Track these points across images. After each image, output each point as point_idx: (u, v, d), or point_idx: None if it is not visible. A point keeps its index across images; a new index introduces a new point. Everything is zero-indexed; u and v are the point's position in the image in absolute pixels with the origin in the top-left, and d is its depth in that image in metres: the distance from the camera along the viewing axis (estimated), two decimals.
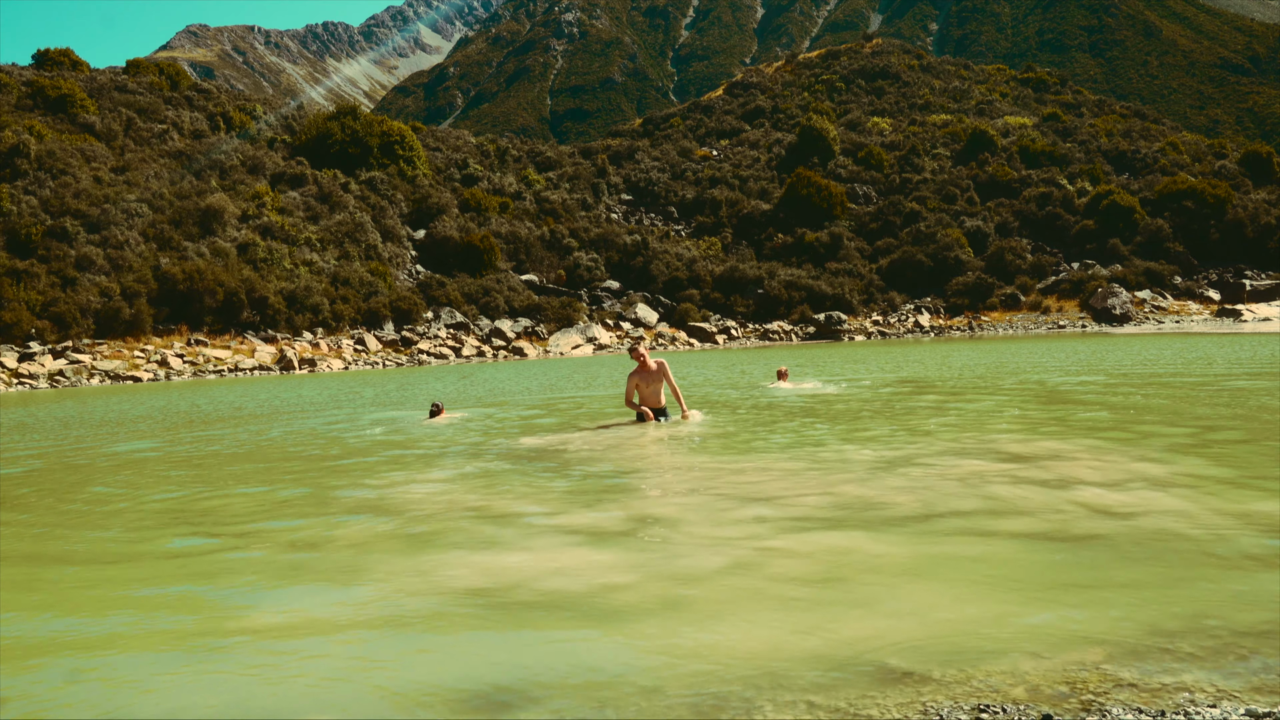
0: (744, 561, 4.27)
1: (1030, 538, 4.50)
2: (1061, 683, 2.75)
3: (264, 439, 11.13)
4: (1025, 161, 62.93)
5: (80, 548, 5.33)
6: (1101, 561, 4.03)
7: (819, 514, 5.25)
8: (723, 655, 3.08)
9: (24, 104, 48.40)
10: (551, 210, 56.47)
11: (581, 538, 4.93)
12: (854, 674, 2.87)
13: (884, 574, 3.97)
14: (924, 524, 4.87)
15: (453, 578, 4.24)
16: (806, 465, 7.00)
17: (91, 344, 33.47)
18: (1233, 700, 2.60)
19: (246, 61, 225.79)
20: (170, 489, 7.46)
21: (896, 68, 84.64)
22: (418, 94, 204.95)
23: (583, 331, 43.17)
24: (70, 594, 4.34)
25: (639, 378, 10.03)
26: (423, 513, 5.84)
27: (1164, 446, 7.28)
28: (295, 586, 4.24)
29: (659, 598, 3.76)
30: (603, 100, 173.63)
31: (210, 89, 64.73)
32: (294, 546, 5.08)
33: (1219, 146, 70.49)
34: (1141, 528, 4.59)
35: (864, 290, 50.72)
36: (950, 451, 7.32)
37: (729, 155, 68.54)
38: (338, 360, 35.86)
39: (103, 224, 38.59)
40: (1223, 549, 4.15)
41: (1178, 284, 49.46)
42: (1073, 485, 5.72)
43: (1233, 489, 5.53)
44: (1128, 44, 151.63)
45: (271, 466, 8.61)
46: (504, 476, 7.17)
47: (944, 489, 5.77)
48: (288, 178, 49.42)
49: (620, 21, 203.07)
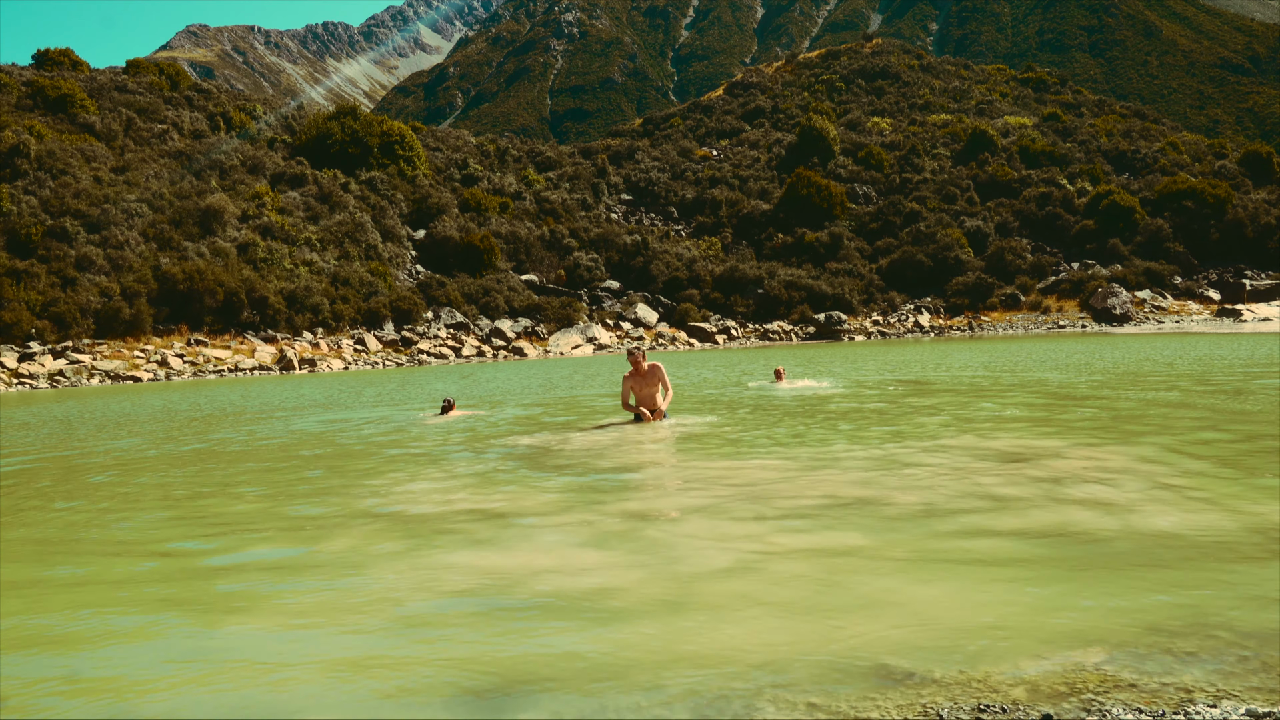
0: (744, 561, 4.27)
1: (1030, 537, 4.50)
2: (1061, 683, 2.75)
3: (264, 438, 11.13)
4: (1025, 161, 62.95)
5: (81, 547, 5.33)
6: (1101, 561, 4.03)
7: (818, 514, 5.25)
8: (723, 655, 3.08)
9: (24, 104, 48.42)
10: (551, 210, 56.48)
11: (581, 537, 4.93)
12: (854, 674, 2.87)
13: (884, 574, 3.97)
14: (924, 524, 4.87)
15: (452, 577, 4.24)
16: (805, 465, 7.00)
17: (91, 344, 33.47)
18: (1233, 700, 2.60)
19: (246, 61, 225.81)
20: (171, 488, 7.46)
21: (896, 68, 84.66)
22: (418, 94, 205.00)
23: (583, 331, 43.17)
24: (70, 594, 4.34)
25: (634, 380, 10.16)
26: (422, 512, 5.84)
27: (1164, 446, 7.28)
28: (295, 585, 4.24)
29: (659, 598, 3.76)
30: (603, 100, 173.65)
31: (210, 89, 64.73)
32: (293, 545, 5.08)
33: (1219, 146, 70.51)
34: (1141, 527, 4.59)
35: (864, 290, 50.72)
36: (950, 451, 7.32)
37: (729, 155, 68.55)
38: (338, 360, 35.87)
39: (103, 224, 38.60)
40: (1223, 549, 4.14)
41: (1178, 284, 49.47)
42: (1072, 484, 5.72)
43: (1233, 488, 5.52)
44: (1128, 44, 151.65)
45: (272, 466, 8.61)
46: (503, 476, 7.17)
47: (944, 488, 5.77)
48: (288, 178, 49.43)
49: (620, 21, 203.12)
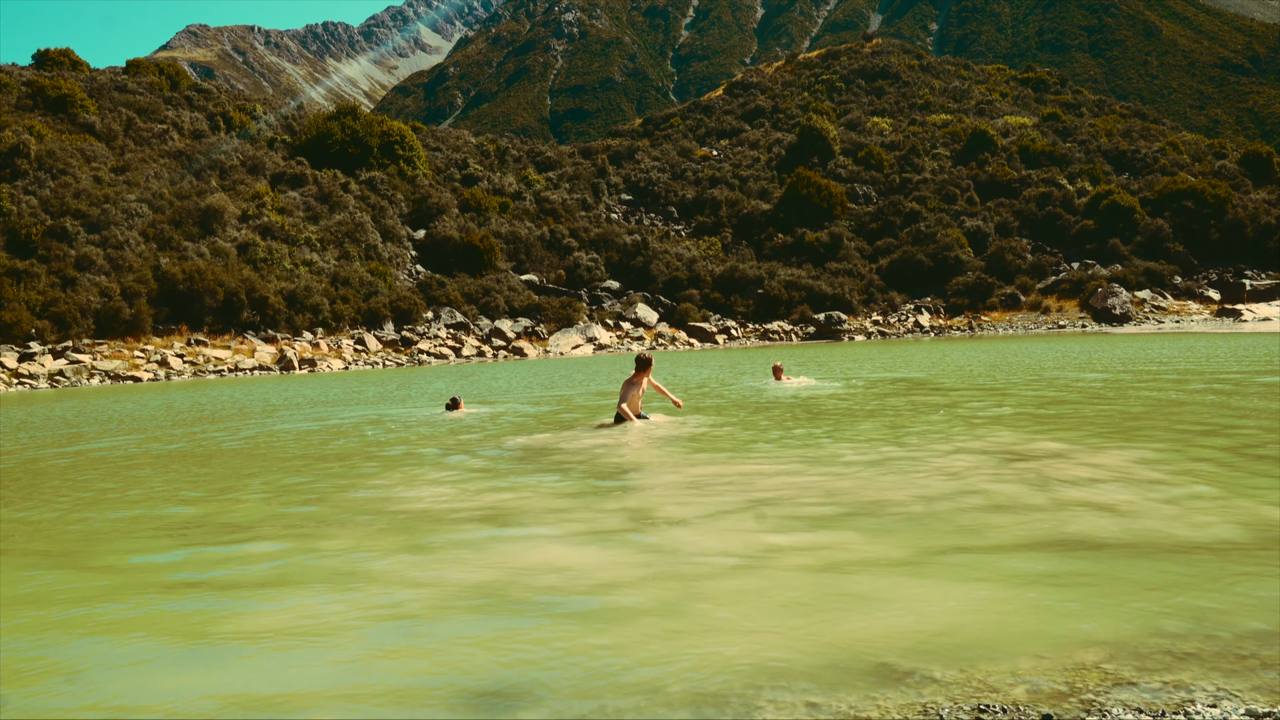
0: (743, 561, 4.27)
1: (1030, 537, 4.50)
2: (1061, 683, 2.75)
3: (264, 438, 11.12)
4: (1025, 161, 62.93)
5: (81, 546, 5.33)
6: (1101, 561, 4.03)
7: (818, 513, 5.25)
8: (722, 655, 3.08)
9: (24, 104, 48.40)
10: (551, 210, 56.47)
11: (581, 537, 4.93)
12: (854, 674, 2.87)
13: (884, 574, 3.97)
14: (924, 523, 4.87)
15: (452, 576, 4.24)
16: (805, 464, 6.99)
17: (91, 344, 33.47)
18: (1233, 700, 2.60)
19: (246, 61, 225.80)
20: (171, 486, 7.46)
21: (896, 68, 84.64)
22: (418, 94, 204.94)
23: (583, 331, 43.17)
24: (70, 593, 4.34)
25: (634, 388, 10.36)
26: (422, 511, 5.84)
27: (1164, 446, 7.28)
28: (295, 584, 4.24)
29: (659, 597, 3.76)
30: (603, 100, 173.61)
31: (210, 89, 64.72)
32: (293, 544, 5.08)
33: (1219, 146, 70.50)
34: (1141, 527, 4.59)
35: (864, 290, 50.72)
36: (950, 450, 7.32)
37: (729, 155, 68.55)
38: (338, 360, 35.87)
39: (103, 224, 38.59)
40: (1223, 549, 4.15)
41: (1178, 284, 49.47)
42: (1072, 484, 5.72)
43: (1233, 489, 5.52)
44: (1128, 44, 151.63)
45: (272, 465, 8.61)
46: (503, 475, 7.17)
47: (944, 488, 5.77)
48: (288, 178, 49.43)
49: (620, 21, 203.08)
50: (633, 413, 10.22)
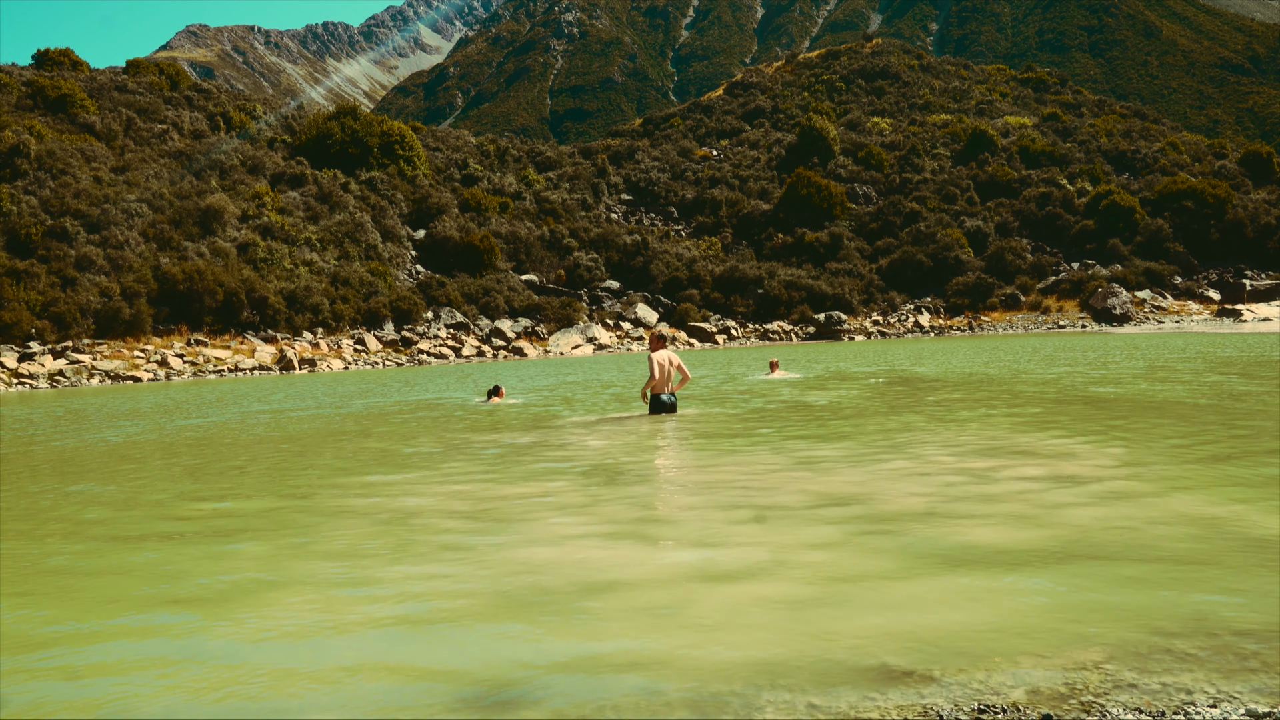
0: (744, 560, 4.27)
1: (1030, 537, 4.50)
2: (1061, 683, 2.75)
3: (265, 437, 11.12)
4: (1025, 161, 62.93)
5: (83, 545, 5.33)
6: (1101, 561, 4.02)
7: (819, 512, 5.25)
8: (723, 655, 3.08)
9: (24, 104, 48.39)
10: (551, 210, 56.47)
11: (581, 536, 4.93)
12: (854, 674, 2.87)
13: (884, 574, 3.97)
14: (924, 523, 4.87)
15: (451, 576, 4.24)
16: (806, 463, 6.99)
17: (91, 344, 33.47)
18: (1233, 700, 2.60)
19: (246, 61, 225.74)
20: (171, 485, 7.45)
21: (896, 68, 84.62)
22: (418, 94, 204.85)
23: (583, 331, 43.18)
24: (70, 593, 4.33)
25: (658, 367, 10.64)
26: (422, 510, 5.84)
27: (1164, 446, 7.28)
28: (294, 584, 4.24)
29: (659, 597, 3.76)
30: (603, 100, 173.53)
31: (210, 89, 64.71)
32: (293, 543, 5.08)
33: (1219, 146, 70.49)
34: (1142, 527, 4.59)
35: (864, 290, 50.72)
36: (950, 450, 7.32)
37: (729, 155, 68.54)
38: (338, 360, 35.88)
39: (103, 224, 38.58)
40: (1223, 549, 4.15)
41: (1178, 284, 49.47)
42: (1072, 484, 5.72)
43: (1233, 489, 5.52)
44: (1128, 44, 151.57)
45: (272, 466, 8.61)
46: (502, 475, 7.17)
47: (944, 488, 5.77)
48: (288, 178, 49.42)
49: (620, 21, 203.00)
50: (660, 392, 10.40)
